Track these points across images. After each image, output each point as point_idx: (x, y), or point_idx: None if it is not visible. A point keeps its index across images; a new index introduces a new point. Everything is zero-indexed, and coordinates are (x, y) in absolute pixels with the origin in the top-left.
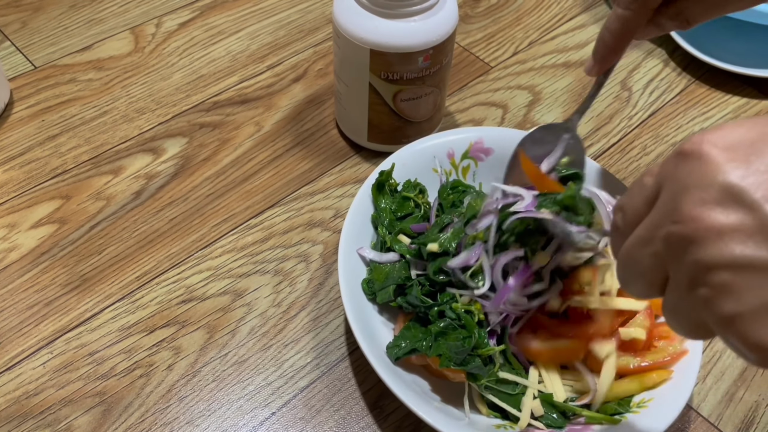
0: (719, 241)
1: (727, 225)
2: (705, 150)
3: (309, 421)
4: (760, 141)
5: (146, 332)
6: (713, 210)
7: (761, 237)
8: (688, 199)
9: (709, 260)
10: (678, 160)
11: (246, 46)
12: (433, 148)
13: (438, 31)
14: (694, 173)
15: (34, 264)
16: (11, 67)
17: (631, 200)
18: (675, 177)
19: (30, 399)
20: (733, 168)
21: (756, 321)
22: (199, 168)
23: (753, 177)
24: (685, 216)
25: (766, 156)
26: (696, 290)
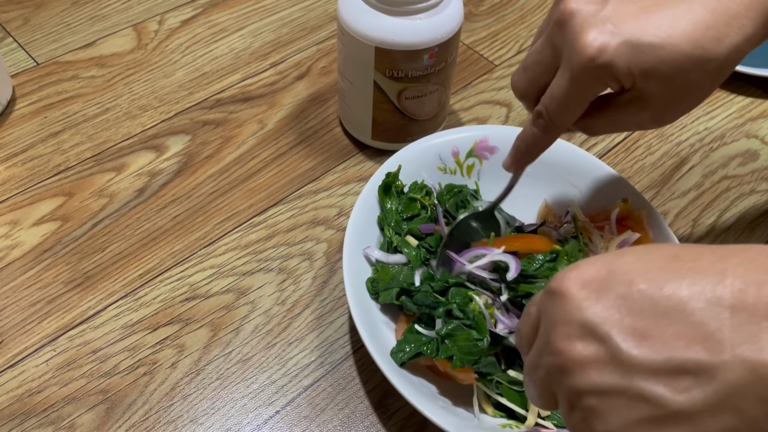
0: (582, 370)
1: (586, 356)
2: (565, 288)
3: (313, 420)
4: (607, 279)
5: (150, 330)
6: (575, 343)
7: (613, 366)
8: (556, 333)
9: (577, 387)
10: (548, 296)
11: (249, 44)
12: (437, 147)
13: (443, 28)
14: (558, 309)
15: (37, 261)
16: (13, 64)
17: (522, 326)
18: (546, 312)
19: (33, 397)
20: (588, 306)
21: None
22: (202, 166)
23: (602, 313)
24: (555, 348)
25: (611, 293)
26: (574, 413)
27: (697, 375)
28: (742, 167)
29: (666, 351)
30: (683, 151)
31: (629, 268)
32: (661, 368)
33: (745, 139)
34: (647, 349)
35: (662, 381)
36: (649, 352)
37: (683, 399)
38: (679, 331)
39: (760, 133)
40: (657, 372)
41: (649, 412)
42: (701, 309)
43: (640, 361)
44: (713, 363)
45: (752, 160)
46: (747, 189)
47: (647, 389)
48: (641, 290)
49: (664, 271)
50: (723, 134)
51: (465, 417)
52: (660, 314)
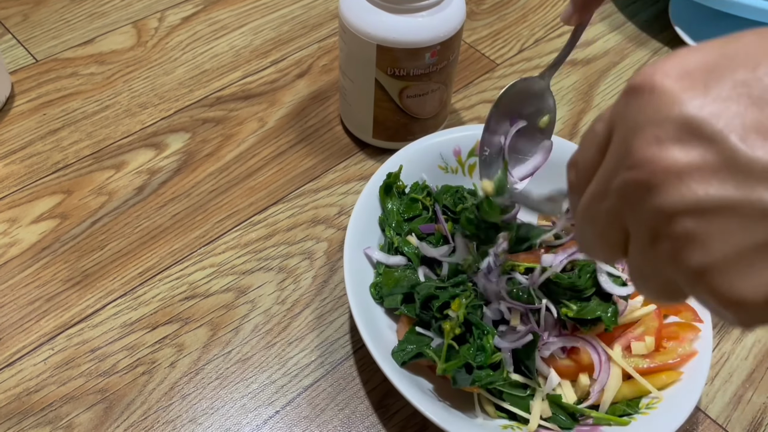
0: (679, 183)
1: (686, 164)
2: (657, 81)
3: (313, 420)
4: (719, 64)
5: (149, 329)
6: (670, 148)
7: (726, 173)
8: (642, 138)
9: (670, 207)
10: (629, 97)
11: (249, 42)
12: (439, 145)
13: (445, 27)
14: (646, 109)
15: (35, 259)
16: (12, 60)
17: (583, 152)
18: (626, 116)
19: (31, 396)
20: (690, 98)
21: (728, 272)
22: (202, 164)
23: (713, 106)
24: (638, 159)
25: (728, 80)
26: (659, 245)
27: None
28: None
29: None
30: None
31: (753, 49)
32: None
33: None
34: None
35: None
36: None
37: None
38: None
39: None
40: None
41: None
42: None
43: (767, 164)
44: None
45: None
46: None
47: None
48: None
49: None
50: None
51: (466, 417)
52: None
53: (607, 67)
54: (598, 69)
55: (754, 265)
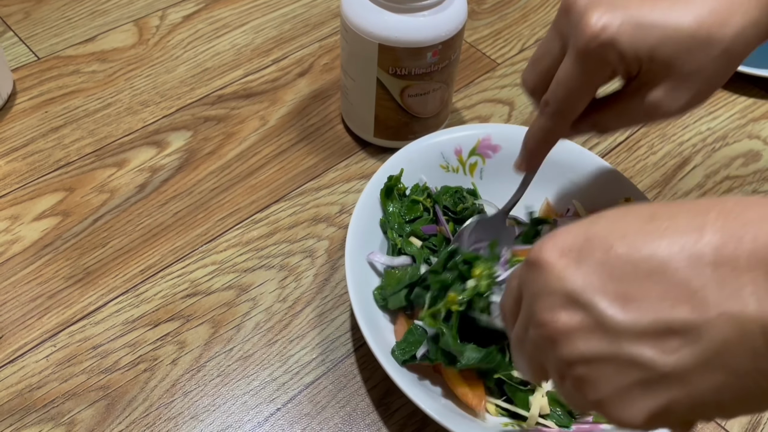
0: (568, 340)
1: (572, 326)
2: (543, 258)
3: (314, 417)
4: (584, 245)
5: (150, 326)
6: (560, 313)
7: (599, 332)
8: (539, 305)
9: (566, 357)
10: (528, 267)
11: (251, 40)
12: (440, 145)
13: (447, 26)
14: (539, 281)
15: (37, 256)
16: (14, 58)
17: (505, 301)
18: (527, 284)
19: (33, 392)
20: (568, 275)
21: (614, 403)
22: (203, 162)
23: (584, 280)
24: (539, 321)
25: (590, 258)
26: (565, 382)
27: (685, 335)
28: (745, 168)
29: (651, 313)
30: (685, 151)
31: (606, 233)
32: (648, 330)
33: (748, 140)
34: (632, 313)
35: (650, 343)
36: (635, 315)
37: (672, 360)
38: (662, 291)
39: (762, 134)
40: (644, 335)
41: (639, 376)
42: (683, 268)
43: (626, 325)
44: (699, 321)
45: (754, 160)
46: (749, 189)
47: (636, 353)
48: (620, 254)
49: (642, 232)
50: (725, 134)
51: (467, 416)
52: (642, 276)
53: None
54: None
55: (630, 398)
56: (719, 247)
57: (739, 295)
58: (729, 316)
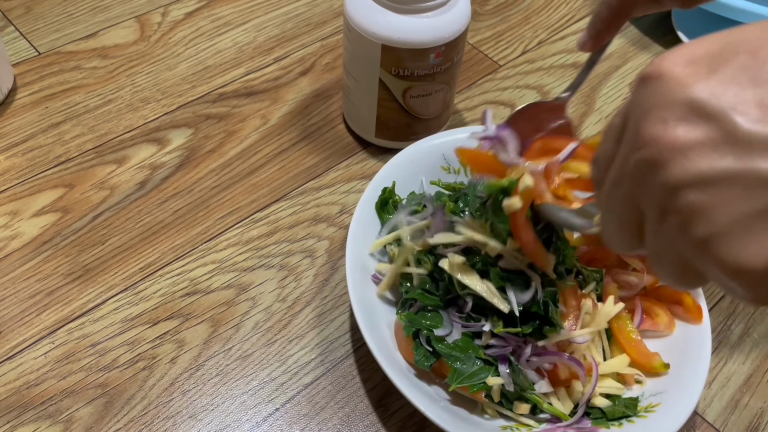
0: (682, 158)
1: (689, 140)
2: (665, 69)
3: (313, 418)
4: (723, 51)
5: (149, 324)
6: (675, 127)
7: (726, 147)
8: (649, 120)
9: (675, 181)
10: (640, 86)
11: (253, 38)
12: (442, 146)
13: (451, 28)
14: (655, 94)
15: (36, 253)
16: (15, 53)
17: (602, 146)
18: (637, 103)
19: (31, 389)
20: (695, 81)
21: (730, 240)
22: (204, 160)
23: (716, 87)
24: (646, 139)
25: (730, 64)
26: (667, 220)
27: None
28: None
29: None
30: None
31: (755, 36)
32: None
33: None
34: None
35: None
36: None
37: None
38: None
39: None
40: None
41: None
42: None
43: (767, 137)
44: None
45: None
46: None
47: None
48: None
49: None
50: None
51: (465, 417)
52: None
53: (609, 71)
54: (601, 72)
55: (754, 232)
56: None
57: None
58: None
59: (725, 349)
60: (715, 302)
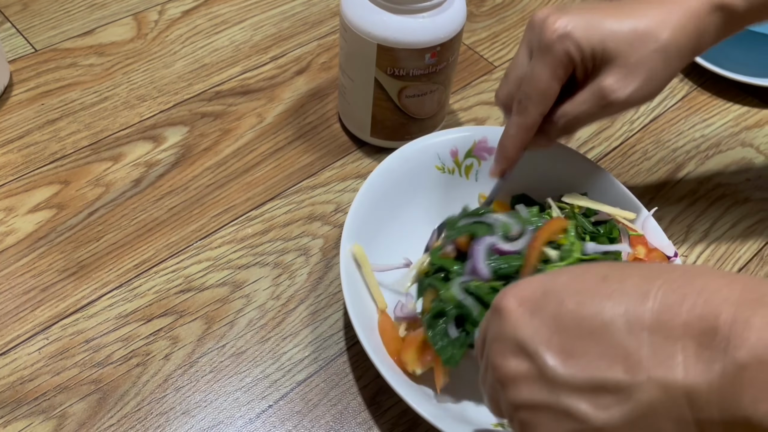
0: (514, 386)
1: (518, 373)
2: (503, 305)
3: (306, 415)
4: (541, 299)
5: (143, 321)
6: (509, 360)
7: (541, 382)
8: (494, 349)
9: (512, 401)
10: (492, 312)
11: (249, 37)
12: (436, 146)
13: (446, 28)
14: (497, 326)
15: (31, 249)
16: (11, 49)
17: (477, 340)
18: (489, 328)
19: (24, 384)
20: (521, 324)
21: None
22: (199, 158)
23: (533, 331)
24: (493, 364)
25: (543, 311)
26: (513, 423)
27: (617, 393)
28: (737, 175)
29: (589, 370)
30: (679, 158)
31: (562, 288)
32: (584, 386)
33: (741, 148)
34: (572, 367)
35: (585, 398)
36: (574, 370)
37: (604, 416)
38: (601, 351)
39: (755, 142)
40: (580, 389)
41: (573, 427)
42: (622, 330)
43: (565, 378)
44: (631, 383)
45: (747, 168)
46: (741, 197)
47: (571, 405)
48: (570, 310)
49: (592, 292)
50: (719, 142)
51: (457, 415)
52: (585, 334)
53: None
54: None
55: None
56: (658, 314)
57: (669, 362)
58: (657, 381)
59: None
60: None
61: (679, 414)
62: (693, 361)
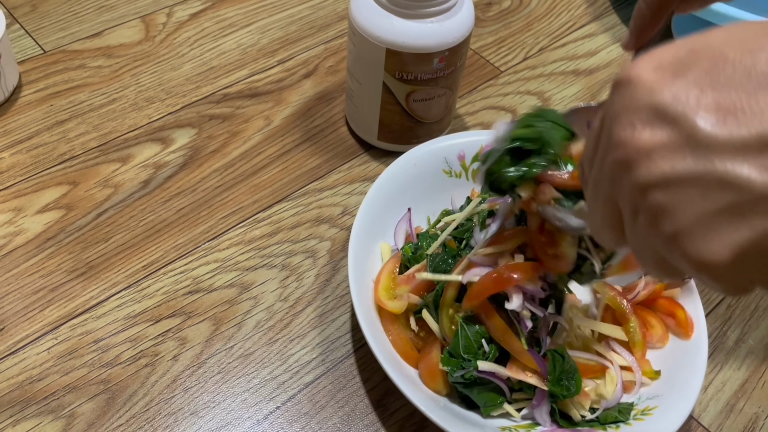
0: (648, 160)
1: (654, 143)
2: (634, 75)
3: (313, 417)
4: (688, 57)
5: (152, 322)
6: (641, 130)
7: (687, 149)
8: (619, 124)
9: (642, 182)
10: (614, 91)
11: (257, 40)
12: (443, 150)
13: (454, 33)
14: (625, 99)
15: (40, 249)
16: (20, 51)
17: (585, 148)
18: (611, 108)
19: (33, 384)
20: (660, 87)
21: (693, 236)
22: (207, 160)
23: (678, 92)
24: (617, 142)
25: (694, 69)
26: (638, 218)
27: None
28: None
29: (757, 124)
30: None
31: (720, 41)
32: (750, 144)
33: None
34: (733, 125)
35: (749, 160)
36: (736, 127)
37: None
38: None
39: None
40: (744, 150)
41: (731, 199)
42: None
43: (724, 139)
44: None
45: None
46: None
47: (730, 171)
48: (734, 61)
49: (762, 44)
50: None
51: (465, 417)
52: (754, 87)
53: (609, 77)
54: (601, 79)
55: (714, 229)
56: None
57: None
58: None
59: (721, 355)
60: (711, 308)
61: None
62: None
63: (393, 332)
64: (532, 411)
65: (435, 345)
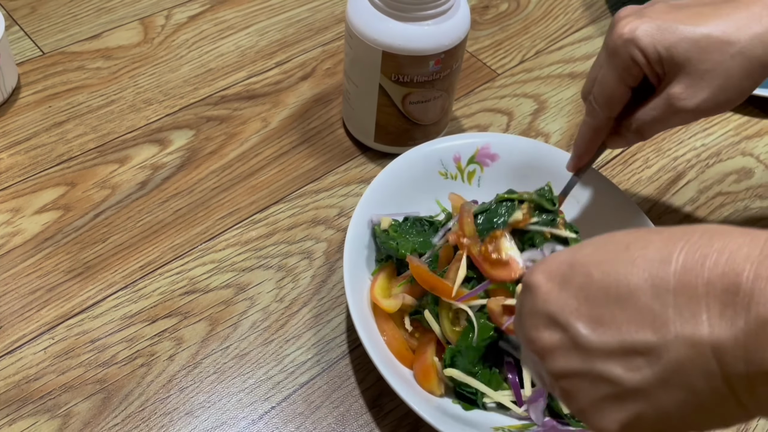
0: (551, 357)
1: (552, 344)
2: (534, 283)
3: (308, 417)
4: (569, 271)
5: (148, 322)
6: (543, 332)
7: (575, 351)
8: (528, 324)
9: (551, 371)
10: (522, 292)
11: (255, 42)
12: (439, 152)
13: (451, 35)
14: (529, 303)
15: (38, 249)
16: (19, 52)
17: (515, 319)
18: (522, 304)
19: (30, 383)
20: (550, 298)
21: (591, 414)
22: (205, 161)
23: (563, 303)
24: (528, 338)
25: (571, 284)
26: (555, 391)
27: (647, 355)
28: (737, 184)
29: (619, 335)
30: (680, 166)
31: (588, 260)
32: (616, 350)
33: (741, 157)
34: (603, 334)
35: (618, 362)
36: (604, 336)
37: (637, 377)
38: (629, 316)
39: (755, 152)
40: (612, 354)
41: (609, 390)
42: (648, 294)
43: (597, 345)
44: (660, 343)
45: (747, 177)
46: (741, 206)
47: (605, 370)
48: (596, 280)
49: (616, 261)
50: (719, 151)
51: (459, 417)
52: (612, 301)
53: None
54: None
55: (604, 409)
56: (681, 275)
57: (695, 320)
58: (684, 339)
59: None
60: None
61: (707, 369)
62: (717, 318)
63: (388, 333)
64: (528, 405)
65: (430, 345)
